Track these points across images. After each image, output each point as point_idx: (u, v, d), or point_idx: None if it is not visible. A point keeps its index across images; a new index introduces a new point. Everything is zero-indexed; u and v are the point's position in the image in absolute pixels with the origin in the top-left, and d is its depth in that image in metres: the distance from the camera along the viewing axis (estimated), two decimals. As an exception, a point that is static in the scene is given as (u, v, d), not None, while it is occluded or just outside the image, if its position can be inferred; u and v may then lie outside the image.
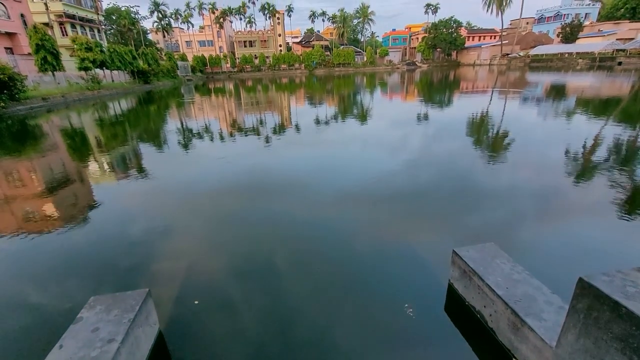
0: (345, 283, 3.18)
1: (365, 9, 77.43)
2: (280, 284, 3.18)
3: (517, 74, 37.68)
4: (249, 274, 3.36)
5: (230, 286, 3.19)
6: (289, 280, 3.25)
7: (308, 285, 3.17)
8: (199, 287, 3.17)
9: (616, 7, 63.95)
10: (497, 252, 2.74)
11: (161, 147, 9.64)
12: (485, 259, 2.65)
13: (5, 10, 30.97)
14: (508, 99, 17.21)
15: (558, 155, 7.02)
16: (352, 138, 9.68)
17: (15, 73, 18.40)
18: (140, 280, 3.32)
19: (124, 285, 3.20)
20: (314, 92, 27.30)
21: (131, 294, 2.38)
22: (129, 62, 35.02)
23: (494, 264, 2.58)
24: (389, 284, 3.13)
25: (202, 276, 3.37)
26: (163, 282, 3.26)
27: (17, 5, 32.56)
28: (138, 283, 3.25)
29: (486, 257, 2.68)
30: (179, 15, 67.04)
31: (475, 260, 2.63)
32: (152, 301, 2.49)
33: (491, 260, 2.64)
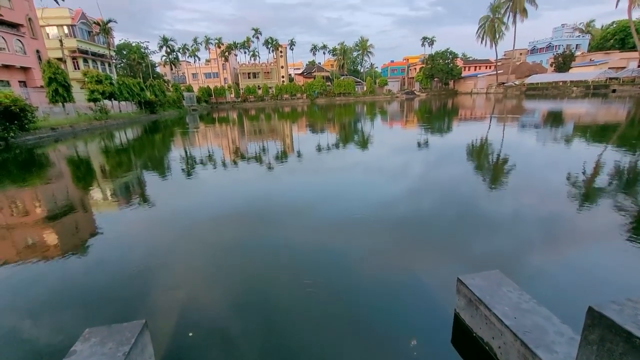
0: (346, 315, 3.08)
1: (364, 42, 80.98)
2: (280, 316, 3.09)
3: (514, 102, 38.56)
4: (249, 306, 3.27)
5: (230, 319, 3.09)
6: (289, 312, 3.15)
7: (308, 317, 3.08)
8: (197, 319, 3.08)
9: (605, 39, 66.66)
10: (503, 280, 2.67)
11: (164, 175, 9.74)
12: (491, 286, 2.58)
13: (22, 47, 32.63)
14: (507, 125, 17.50)
15: (560, 180, 7.02)
16: (353, 165, 9.77)
17: (27, 105, 19.02)
18: (138, 311, 3.23)
19: (121, 315, 3.11)
20: (315, 120, 27.92)
21: (127, 325, 2.31)
22: (137, 94, 36.26)
23: (501, 292, 2.51)
24: (392, 314, 3.02)
25: (202, 308, 3.28)
26: (161, 313, 3.17)
27: (33, 43, 34.35)
28: (135, 314, 3.16)
29: (492, 284, 2.61)
30: (187, 49, 70.22)
31: (481, 289, 2.56)
32: (149, 333, 2.41)
33: (497, 288, 2.57)
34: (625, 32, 58.98)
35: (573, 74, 57.29)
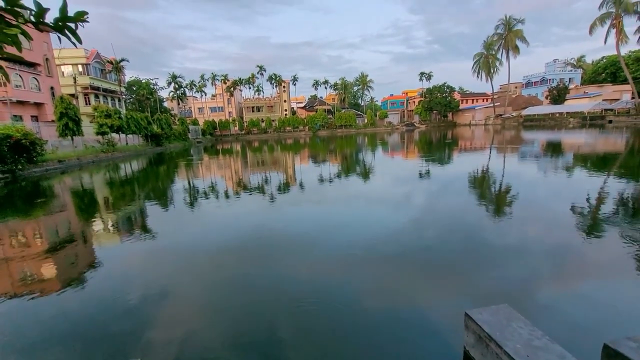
0: (350, 353, 2.95)
1: (364, 78, 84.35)
2: (282, 354, 2.96)
3: (512, 133, 39.25)
4: (248, 345, 3.15)
5: (229, 358, 2.97)
6: (291, 350, 3.03)
7: (310, 355, 2.95)
8: (195, 358, 2.95)
9: (597, 72, 69.13)
10: (512, 315, 2.58)
11: (166, 207, 9.77)
12: (501, 322, 2.49)
13: (37, 84, 34.24)
14: (507, 155, 17.68)
15: (565, 210, 6.97)
16: (356, 196, 9.79)
17: (36, 138, 19.58)
18: (133, 348, 3.11)
19: (116, 352, 2.99)
20: (317, 151, 28.38)
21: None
22: (144, 127, 37.35)
23: (511, 328, 2.42)
24: (399, 352, 2.89)
25: (200, 345, 3.16)
26: (157, 351, 3.05)
27: (48, 80, 36.09)
28: (131, 351, 3.04)
29: (501, 320, 2.52)
30: (194, 85, 73.27)
31: (490, 324, 2.47)
32: (145, 373, 2.31)
33: (507, 323, 2.48)
34: (615, 66, 61.29)
35: (568, 105, 58.82)
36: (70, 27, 1.96)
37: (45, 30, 2.04)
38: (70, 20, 1.93)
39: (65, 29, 1.94)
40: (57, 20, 1.92)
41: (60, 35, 1.98)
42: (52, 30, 1.98)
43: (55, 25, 1.93)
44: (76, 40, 2.04)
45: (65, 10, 1.87)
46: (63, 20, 1.91)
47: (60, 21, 1.92)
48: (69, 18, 1.91)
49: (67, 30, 1.96)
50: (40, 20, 1.90)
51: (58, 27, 1.93)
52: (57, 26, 1.93)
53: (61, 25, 1.92)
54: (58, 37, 2.05)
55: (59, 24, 1.93)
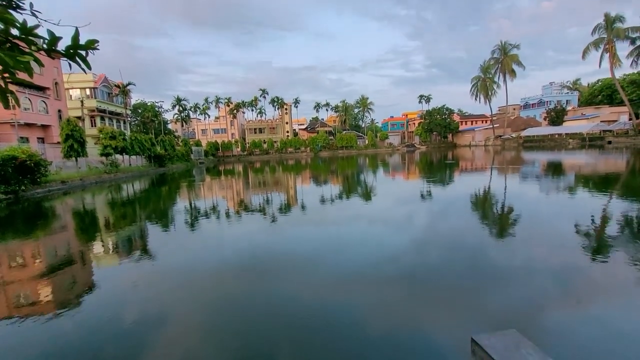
0: (355, 379, 2.83)
1: (364, 100, 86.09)
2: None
3: (512, 153, 39.48)
4: (249, 369, 3.04)
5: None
6: (292, 376, 2.91)
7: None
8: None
9: (593, 95, 70.42)
10: (521, 340, 2.49)
11: (166, 228, 9.72)
12: (509, 348, 2.40)
13: (45, 107, 35.09)
14: (508, 176, 17.69)
15: (569, 231, 6.88)
16: (357, 216, 9.73)
17: (41, 159, 19.81)
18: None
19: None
20: (318, 172, 28.52)
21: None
22: (148, 148, 37.83)
23: (519, 355, 2.33)
24: (404, 380, 2.77)
25: (197, 371, 3.04)
26: (153, 378, 2.94)
27: (56, 103, 37.01)
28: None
29: (509, 345, 2.43)
30: (198, 108, 74.90)
31: (498, 351, 2.38)
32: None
33: (515, 350, 2.39)
34: (611, 88, 62.50)
35: (567, 127, 59.49)
36: (81, 54, 2.04)
37: (57, 57, 2.13)
38: (81, 48, 2.01)
39: (76, 56, 2.02)
40: (68, 48, 2.00)
41: (71, 61, 2.06)
42: (64, 57, 2.06)
43: (67, 53, 2.01)
44: (86, 66, 2.12)
45: (77, 38, 1.95)
46: (74, 48, 1.99)
47: (72, 49, 2.00)
48: (80, 46, 1.99)
49: (77, 57, 2.04)
50: (52, 48, 1.98)
51: (69, 55, 2.01)
52: (68, 53, 2.01)
53: (72, 53, 2.00)
54: (69, 64, 2.13)
55: (70, 52, 2.01)
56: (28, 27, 1.88)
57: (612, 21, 45.55)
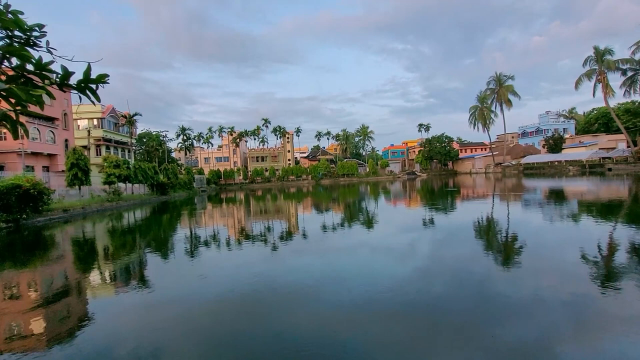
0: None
1: (365, 129, 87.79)
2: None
3: (513, 181, 39.52)
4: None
5: None
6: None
7: None
8: None
9: (589, 123, 71.70)
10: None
11: (165, 257, 9.57)
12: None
13: (53, 137, 35.92)
14: (511, 203, 17.59)
15: (576, 259, 6.73)
16: (359, 245, 9.59)
17: (45, 188, 19.95)
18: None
19: None
20: (320, 200, 28.46)
21: None
22: (151, 177, 38.17)
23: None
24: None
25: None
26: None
27: (64, 133, 37.93)
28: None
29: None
30: (202, 137, 76.45)
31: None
32: None
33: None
34: (606, 117, 63.74)
35: (566, 154, 60.00)
36: (92, 87, 2.14)
37: (68, 90, 2.22)
38: (92, 82, 2.10)
39: (87, 90, 2.12)
40: (80, 82, 2.10)
41: (82, 94, 2.15)
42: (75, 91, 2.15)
43: (78, 87, 2.11)
44: (95, 99, 2.21)
45: (89, 73, 2.05)
46: (85, 82, 2.09)
47: (83, 83, 2.10)
48: (91, 80, 2.09)
49: (88, 90, 2.13)
50: (64, 82, 2.08)
51: (80, 88, 2.11)
52: (79, 87, 2.11)
53: (83, 87, 2.10)
54: (79, 96, 2.22)
55: (81, 85, 2.11)
56: (43, 63, 1.98)
57: (602, 54, 47.37)
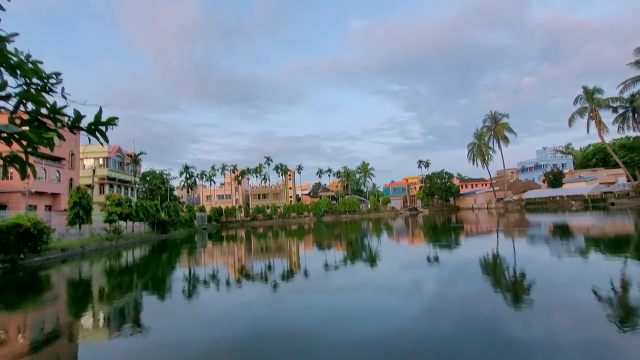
0: None
1: (365, 166, 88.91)
2: None
3: (516, 216, 39.11)
4: None
5: None
6: None
7: None
8: None
9: (587, 158, 72.58)
10: None
11: (162, 298, 9.25)
12: None
13: (58, 176, 36.45)
14: (516, 239, 17.26)
15: (587, 297, 6.46)
16: (363, 284, 9.29)
17: (45, 227, 19.84)
18: None
19: None
20: (321, 237, 28.04)
21: None
22: (152, 214, 38.04)
23: None
24: None
25: None
26: None
27: (70, 172, 38.55)
28: None
29: None
30: (204, 175, 77.36)
31: None
32: None
33: None
34: (603, 152, 64.65)
35: (567, 189, 59.97)
36: (101, 129, 2.25)
37: (78, 132, 2.33)
38: (102, 124, 2.21)
39: (97, 132, 2.22)
40: (90, 124, 2.21)
41: (91, 136, 2.25)
42: (85, 132, 2.26)
43: (88, 129, 2.21)
44: (104, 140, 2.31)
45: (100, 116, 2.17)
46: (96, 125, 2.20)
47: (93, 125, 2.21)
48: (101, 122, 2.20)
49: (98, 132, 2.24)
50: (75, 125, 2.19)
51: (90, 130, 2.21)
52: (89, 129, 2.21)
53: (93, 129, 2.20)
54: (88, 138, 2.32)
55: (91, 128, 2.22)
56: (57, 107, 2.11)
57: (592, 93, 49.25)
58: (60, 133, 2.19)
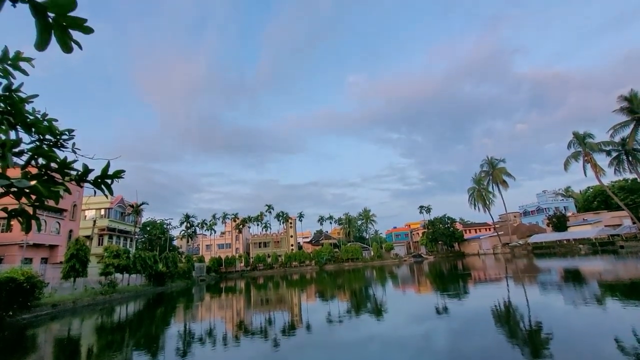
0: None
1: (367, 212, 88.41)
2: None
3: (525, 261, 37.86)
4: None
5: None
6: None
7: None
8: None
9: (588, 200, 72.39)
10: None
11: (155, 358, 8.62)
12: None
13: (58, 228, 36.17)
14: (527, 286, 16.51)
15: (612, 350, 6.01)
16: (370, 338, 8.70)
17: (38, 281, 19.18)
18: None
19: None
20: (324, 287, 26.88)
21: None
22: (150, 266, 36.95)
23: None
24: None
25: None
26: None
27: (70, 224, 38.31)
28: None
29: None
30: (205, 224, 76.66)
31: None
32: None
33: None
34: (604, 194, 64.63)
35: (573, 232, 58.85)
36: (107, 182, 2.32)
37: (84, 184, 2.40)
38: (108, 178, 2.29)
39: (102, 185, 2.30)
40: (97, 177, 2.29)
41: (97, 189, 2.32)
42: (91, 185, 2.33)
43: (95, 182, 2.29)
44: (109, 193, 2.37)
45: (107, 170, 2.25)
46: (102, 178, 2.28)
47: (100, 178, 2.29)
48: (108, 176, 2.28)
49: (103, 185, 2.31)
50: (83, 178, 2.27)
51: (97, 184, 2.28)
52: (95, 183, 2.29)
53: (99, 182, 2.28)
54: (94, 190, 2.38)
55: (98, 181, 2.29)
56: (67, 162, 2.20)
57: (583, 138, 50.76)
58: (67, 187, 2.26)
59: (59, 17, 1.63)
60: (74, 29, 1.69)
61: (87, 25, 1.71)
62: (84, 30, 1.72)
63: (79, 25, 1.69)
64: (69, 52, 1.76)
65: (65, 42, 1.69)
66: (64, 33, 1.67)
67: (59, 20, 1.64)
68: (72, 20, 1.66)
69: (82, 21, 1.69)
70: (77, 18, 1.67)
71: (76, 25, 1.68)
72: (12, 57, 2.30)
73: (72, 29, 1.69)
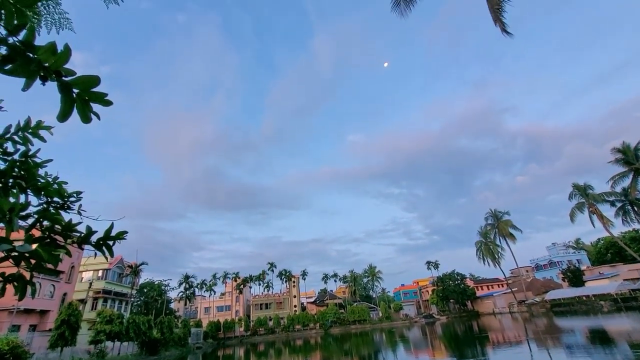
0: None
1: (372, 269, 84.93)
2: None
3: (544, 321, 35.16)
4: None
5: None
6: None
7: None
8: None
9: (601, 253, 69.70)
10: None
11: None
12: None
13: (52, 291, 34.58)
14: (552, 350, 15.08)
15: None
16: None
17: (23, 351, 17.84)
18: None
19: None
20: (330, 354, 24.64)
21: None
22: (144, 332, 34.52)
23: None
24: None
25: None
26: None
27: (65, 287, 36.71)
28: None
29: None
30: (204, 284, 73.41)
31: None
32: None
33: None
34: (616, 246, 62.44)
35: (591, 287, 55.62)
36: (109, 244, 2.31)
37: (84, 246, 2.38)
38: (110, 239, 2.29)
39: (104, 246, 2.28)
40: (99, 239, 2.28)
41: (98, 251, 2.30)
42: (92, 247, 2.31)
43: (96, 244, 2.28)
44: (110, 254, 2.35)
45: (110, 231, 2.26)
46: (104, 240, 2.27)
47: (102, 240, 2.28)
48: (110, 237, 2.28)
49: (105, 247, 2.30)
50: (85, 241, 2.27)
51: (98, 245, 2.27)
52: (97, 245, 2.28)
53: (101, 244, 2.27)
54: (95, 252, 2.36)
55: (99, 243, 2.28)
56: (71, 224, 2.22)
57: (584, 189, 50.85)
58: (68, 249, 2.24)
59: (83, 92, 1.80)
60: (95, 102, 1.85)
61: (107, 99, 1.88)
62: (104, 103, 1.88)
63: (100, 99, 1.85)
64: (87, 122, 1.90)
65: (86, 115, 1.84)
66: (86, 106, 1.83)
67: (82, 95, 1.80)
68: (94, 95, 1.83)
69: (103, 95, 1.86)
70: (99, 93, 1.84)
71: (97, 99, 1.84)
72: (33, 125, 2.47)
73: (93, 102, 1.85)
